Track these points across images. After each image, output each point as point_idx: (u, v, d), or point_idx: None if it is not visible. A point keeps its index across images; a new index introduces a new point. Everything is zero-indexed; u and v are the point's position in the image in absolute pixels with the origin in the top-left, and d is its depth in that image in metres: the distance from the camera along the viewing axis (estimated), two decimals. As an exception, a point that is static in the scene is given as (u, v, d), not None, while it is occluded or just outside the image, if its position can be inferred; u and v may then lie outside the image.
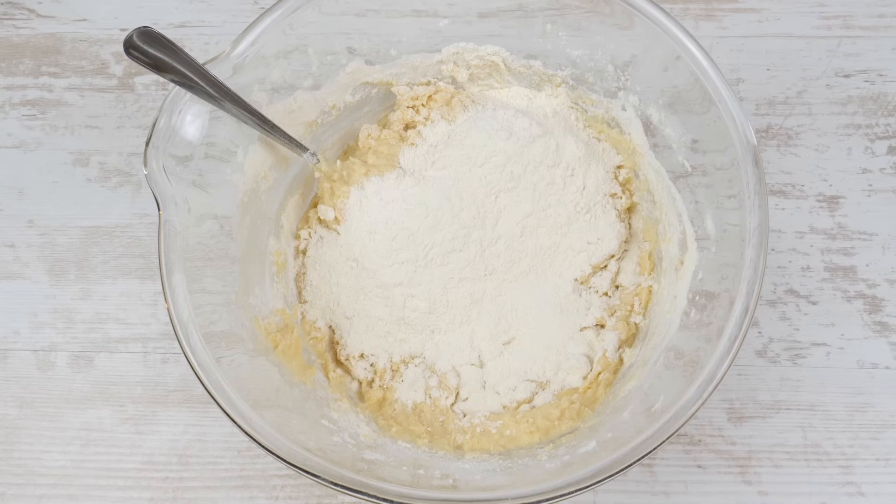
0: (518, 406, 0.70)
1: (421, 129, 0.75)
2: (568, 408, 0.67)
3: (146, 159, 0.59)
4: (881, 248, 0.78)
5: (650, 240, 0.73)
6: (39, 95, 0.87)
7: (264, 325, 0.67)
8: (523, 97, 0.78)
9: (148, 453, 0.73)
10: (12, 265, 0.80)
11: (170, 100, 0.60)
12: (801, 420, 0.73)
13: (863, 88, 0.84)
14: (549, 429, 0.66)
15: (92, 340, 0.77)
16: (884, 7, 0.87)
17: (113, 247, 0.80)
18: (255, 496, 0.71)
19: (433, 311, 0.71)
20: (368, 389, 0.71)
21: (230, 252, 0.66)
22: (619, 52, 0.69)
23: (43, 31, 0.89)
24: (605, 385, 0.68)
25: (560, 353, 0.70)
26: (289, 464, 0.53)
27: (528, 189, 0.72)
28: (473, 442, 0.67)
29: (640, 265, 0.73)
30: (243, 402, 0.55)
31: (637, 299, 0.72)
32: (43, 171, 0.84)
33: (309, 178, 0.76)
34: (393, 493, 0.52)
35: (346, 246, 0.73)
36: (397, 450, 0.64)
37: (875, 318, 0.76)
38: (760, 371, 0.74)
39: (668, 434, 0.52)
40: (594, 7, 0.67)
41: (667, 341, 0.64)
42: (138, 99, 0.86)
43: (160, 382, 0.75)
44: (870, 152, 0.82)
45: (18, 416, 0.75)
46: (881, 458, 0.71)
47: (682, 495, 0.70)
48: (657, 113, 0.69)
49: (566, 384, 0.70)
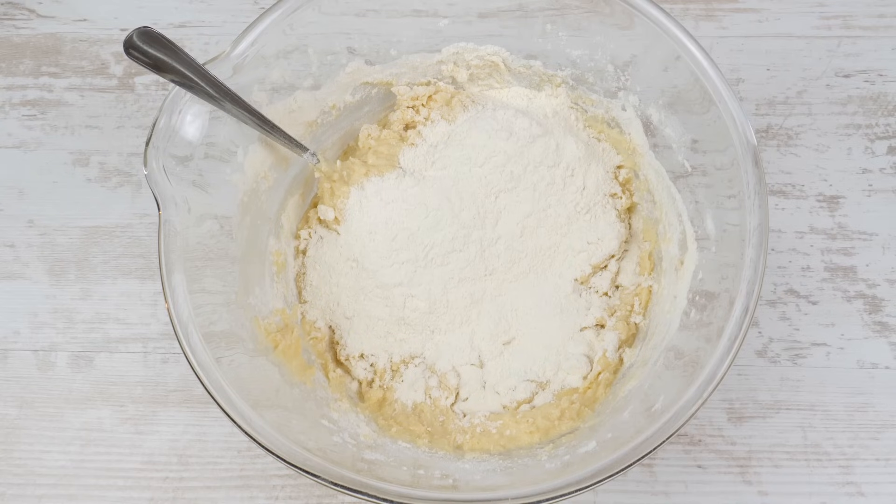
0: (518, 406, 0.70)
1: (421, 129, 0.75)
2: (568, 408, 0.67)
3: (146, 159, 0.58)
4: (881, 248, 0.78)
5: (650, 240, 0.73)
6: (39, 95, 0.87)
7: (264, 325, 0.67)
8: (523, 97, 0.78)
9: (148, 453, 0.73)
10: (12, 265, 0.80)
11: (170, 100, 0.60)
12: (801, 420, 0.73)
13: (863, 88, 0.84)
14: (549, 429, 0.66)
15: (92, 340, 0.77)
16: (884, 7, 0.87)
17: (113, 247, 0.80)
18: (255, 496, 0.71)
19: (433, 311, 0.71)
20: (368, 389, 0.71)
21: (230, 252, 0.66)
22: (619, 52, 0.69)
23: (43, 31, 0.89)
24: (605, 385, 0.68)
25: (560, 353, 0.70)
26: (289, 464, 0.53)
27: (528, 189, 0.72)
28: (473, 442, 0.67)
29: (640, 265, 0.73)
30: (243, 402, 0.55)
31: (637, 299, 0.72)
32: (43, 171, 0.84)
33: (309, 178, 0.76)
34: (393, 493, 0.52)
35: (346, 246, 0.73)
36: (397, 450, 0.64)
37: (875, 318, 0.76)
38: (760, 371, 0.74)
39: (668, 434, 0.52)
40: (594, 7, 0.67)
41: (667, 341, 0.64)
42: (138, 99, 0.86)
43: (160, 382, 0.75)
44: (870, 152, 0.82)
45: (18, 416, 0.75)
46: (881, 458, 0.71)
47: (682, 495, 0.70)
48: (657, 113, 0.69)
49: (566, 384, 0.70)
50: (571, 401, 0.68)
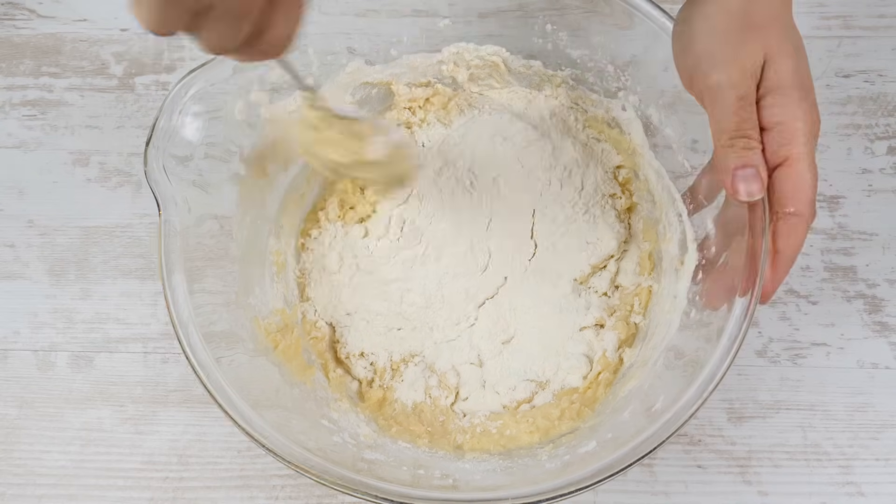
0: (518, 406, 0.70)
1: (416, 131, 0.76)
2: (568, 408, 0.67)
3: (146, 159, 0.59)
4: (881, 249, 0.78)
5: (650, 240, 0.73)
6: (40, 95, 0.87)
7: (264, 325, 0.67)
8: (523, 97, 0.78)
9: (148, 453, 0.73)
10: (12, 265, 0.80)
11: (170, 100, 0.60)
12: (801, 420, 0.73)
13: (862, 89, 0.84)
14: (549, 429, 0.66)
15: (92, 340, 0.77)
16: (884, 7, 0.87)
17: (113, 247, 0.80)
18: (255, 496, 0.71)
19: (429, 305, 0.71)
20: (368, 389, 0.71)
21: (230, 252, 0.66)
22: (619, 52, 0.69)
23: (43, 31, 0.89)
24: (604, 385, 0.68)
25: (559, 352, 0.70)
26: (289, 464, 0.53)
27: (524, 190, 0.72)
28: (473, 442, 0.67)
29: (640, 265, 0.73)
30: (243, 403, 0.55)
31: (637, 299, 0.72)
32: (43, 171, 0.84)
33: (309, 177, 0.76)
34: (393, 492, 0.52)
35: (347, 244, 0.73)
36: (397, 450, 0.64)
37: (875, 318, 0.76)
38: (760, 371, 0.74)
39: (667, 434, 0.52)
40: (594, 7, 0.67)
41: (667, 341, 0.64)
42: (138, 99, 0.86)
43: (160, 382, 0.75)
44: (870, 152, 0.82)
45: (18, 416, 0.75)
46: (881, 458, 0.71)
47: (682, 495, 0.70)
48: (657, 113, 0.69)
49: (566, 384, 0.70)
50: (571, 401, 0.68)
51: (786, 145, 0.53)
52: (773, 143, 0.53)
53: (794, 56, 0.53)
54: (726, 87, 0.52)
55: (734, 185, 0.53)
